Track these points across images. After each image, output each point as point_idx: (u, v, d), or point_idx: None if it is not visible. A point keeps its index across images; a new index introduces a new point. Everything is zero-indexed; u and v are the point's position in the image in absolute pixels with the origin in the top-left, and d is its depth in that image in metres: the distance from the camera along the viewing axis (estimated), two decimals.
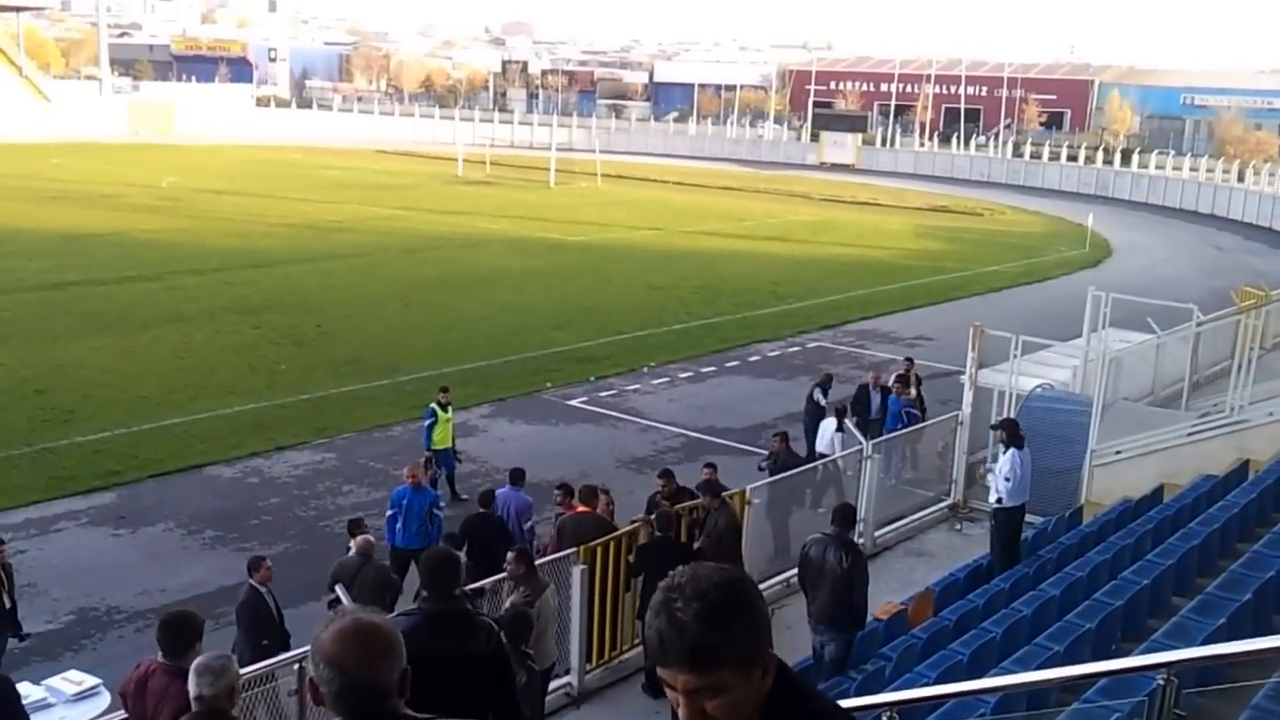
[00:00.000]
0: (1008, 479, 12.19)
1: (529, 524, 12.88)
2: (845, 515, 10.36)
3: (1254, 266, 38.28)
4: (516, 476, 13.30)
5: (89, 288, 29.11)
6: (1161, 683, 4.80)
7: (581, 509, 11.91)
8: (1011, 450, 12.31)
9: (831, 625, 9.97)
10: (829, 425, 16.20)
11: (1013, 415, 15.64)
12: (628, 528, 11.63)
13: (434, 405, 16.01)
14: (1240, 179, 61.66)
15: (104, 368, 21.74)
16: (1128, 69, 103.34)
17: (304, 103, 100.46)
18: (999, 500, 12.32)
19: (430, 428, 15.90)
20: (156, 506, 15.44)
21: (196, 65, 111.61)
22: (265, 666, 8.44)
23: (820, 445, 16.13)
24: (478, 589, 10.26)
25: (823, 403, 17.62)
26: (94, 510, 15.26)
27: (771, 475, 13.94)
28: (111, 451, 17.24)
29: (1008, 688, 6.66)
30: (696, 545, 11.39)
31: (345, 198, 50.33)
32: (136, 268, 31.78)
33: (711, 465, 13.29)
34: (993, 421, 14.39)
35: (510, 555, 9.83)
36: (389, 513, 12.83)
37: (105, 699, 8.57)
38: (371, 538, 11.31)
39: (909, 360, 19.31)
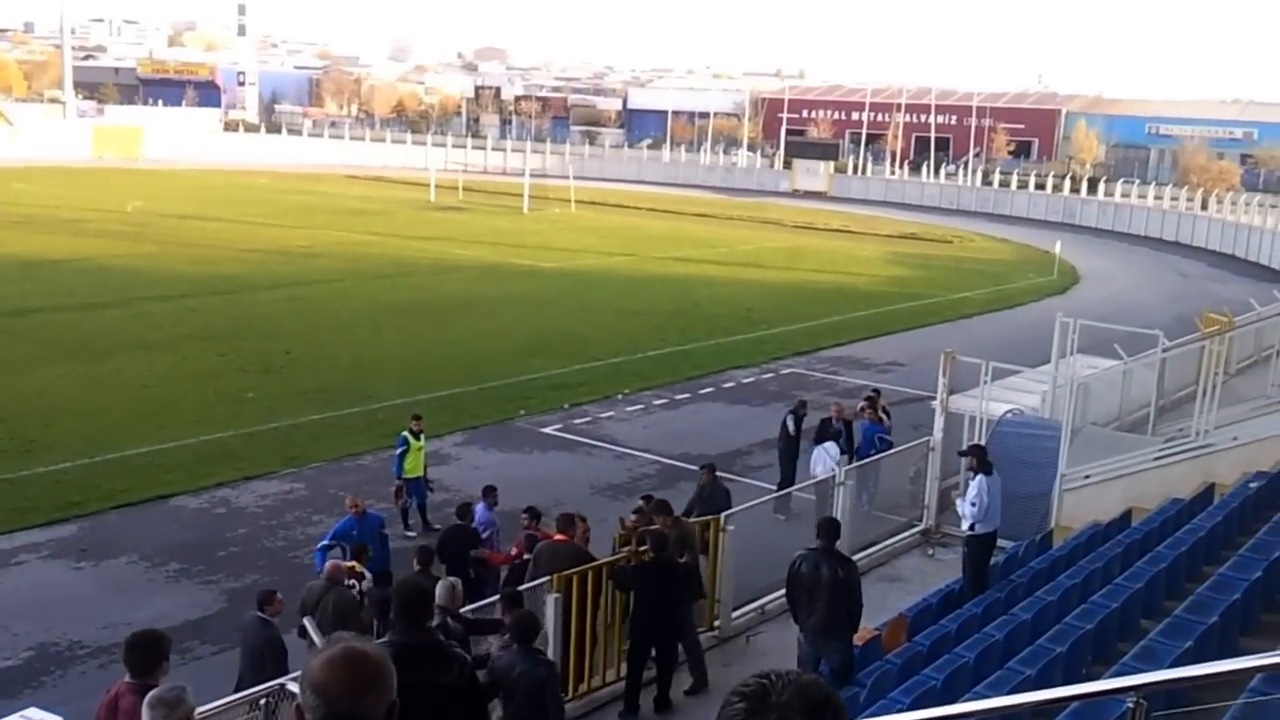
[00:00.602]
0: (974, 504, 12.17)
1: (484, 535, 13.09)
2: (830, 528, 10.40)
3: (1217, 293, 38.71)
4: (486, 492, 13.73)
5: (51, 314, 28.80)
6: (1131, 705, 4.80)
7: (558, 537, 11.85)
8: (979, 477, 12.30)
9: (830, 635, 10.06)
10: (830, 450, 16.21)
11: (983, 441, 15.72)
12: (609, 558, 11.61)
13: (406, 433, 15.92)
14: (1204, 207, 62.54)
15: (66, 396, 21.46)
16: (1094, 99, 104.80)
17: (273, 127, 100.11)
18: (971, 527, 12.29)
19: (402, 456, 15.80)
20: (120, 538, 15.21)
21: (163, 89, 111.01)
22: (239, 698, 8.35)
23: (819, 469, 16.08)
24: (480, 619, 10.07)
25: (792, 431, 17.66)
26: (55, 543, 14.99)
27: (700, 511, 13.74)
28: (73, 482, 16.97)
29: (980, 712, 6.64)
30: (682, 559, 11.35)
31: (315, 223, 50.13)
32: (100, 294, 31.48)
33: (648, 498, 13.35)
34: (961, 448, 14.38)
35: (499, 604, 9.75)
36: (325, 543, 12.77)
37: None
38: (341, 563, 11.21)
39: (876, 391, 19.32)
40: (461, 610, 9.66)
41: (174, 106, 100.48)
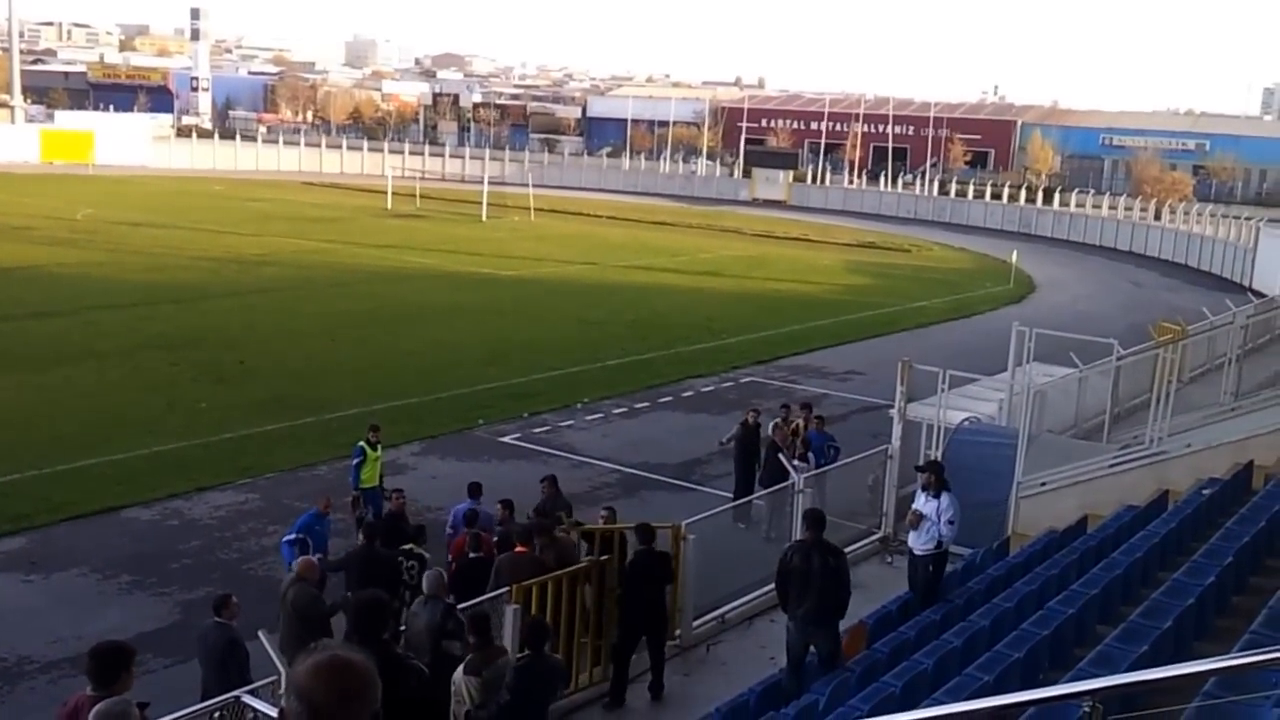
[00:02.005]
0: (952, 522, 11.95)
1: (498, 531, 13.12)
2: (817, 519, 10.67)
3: (1171, 302, 39.31)
4: (474, 490, 13.82)
5: None
6: (1088, 710, 4.81)
7: (519, 548, 11.80)
8: (945, 494, 12.06)
9: (819, 624, 10.36)
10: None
11: (940, 449, 15.79)
12: (571, 568, 11.60)
13: (363, 443, 15.77)
14: (1157, 217, 63.47)
15: (14, 407, 21.09)
16: (1049, 110, 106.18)
17: (227, 133, 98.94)
18: (938, 545, 11.98)
19: (359, 466, 15.64)
20: (70, 551, 14.94)
21: (114, 94, 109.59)
22: (194, 710, 8.25)
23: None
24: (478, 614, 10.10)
25: (725, 439, 17.62)
26: (3, 556, 14.72)
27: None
28: (22, 494, 16.66)
29: (939, 718, 6.65)
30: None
31: (270, 230, 49.68)
32: (49, 303, 30.98)
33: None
34: (919, 463, 13.98)
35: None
36: (291, 536, 12.68)
37: None
38: (314, 560, 11.22)
39: (802, 407, 19.12)
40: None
41: (125, 112, 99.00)
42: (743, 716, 9.51)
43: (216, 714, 8.37)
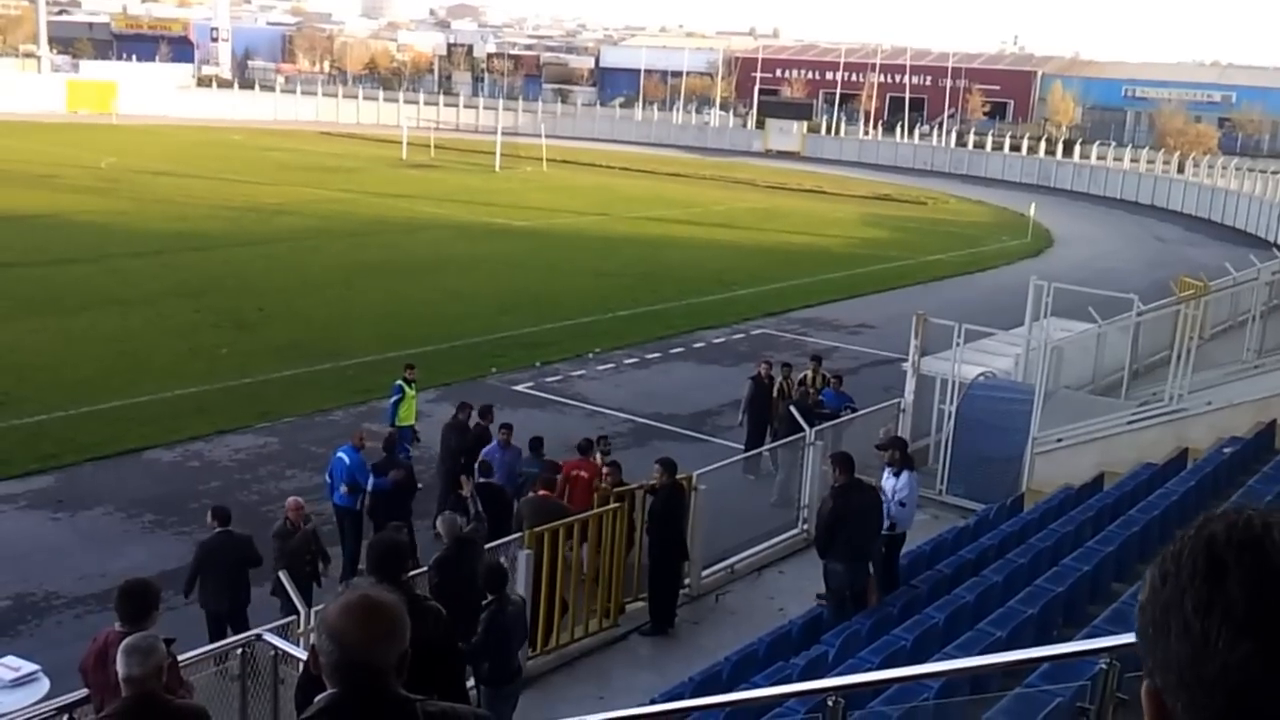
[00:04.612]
0: (904, 504, 11.47)
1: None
2: (847, 461, 10.92)
3: (1193, 258, 38.89)
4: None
5: (25, 269, 28.46)
6: (1104, 667, 4.86)
7: (541, 492, 11.94)
8: (907, 474, 11.67)
9: (865, 558, 10.73)
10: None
11: (954, 404, 15.78)
12: (589, 512, 11.75)
13: (401, 382, 16.04)
14: (1180, 171, 62.56)
15: (41, 350, 21.32)
16: (1070, 60, 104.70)
17: (246, 83, 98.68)
18: (891, 528, 11.23)
19: (396, 404, 15.93)
20: (95, 490, 15.22)
21: (137, 44, 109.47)
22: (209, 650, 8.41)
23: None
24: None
25: (745, 402, 17.50)
26: (31, 494, 15.00)
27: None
28: (49, 435, 16.94)
29: (950, 673, 6.72)
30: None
31: (288, 180, 49.62)
32: (74, 250, 31.16)
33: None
34: (880, 441, 13.11)
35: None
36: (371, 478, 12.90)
37: (44, 685, 8.40)
38: (300, 500, 11.65)
39: (811, 359, 19.14)
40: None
41: (148, 62, 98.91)
42: (752, 666, 9.60)
43: (239, 650, 8.52)
